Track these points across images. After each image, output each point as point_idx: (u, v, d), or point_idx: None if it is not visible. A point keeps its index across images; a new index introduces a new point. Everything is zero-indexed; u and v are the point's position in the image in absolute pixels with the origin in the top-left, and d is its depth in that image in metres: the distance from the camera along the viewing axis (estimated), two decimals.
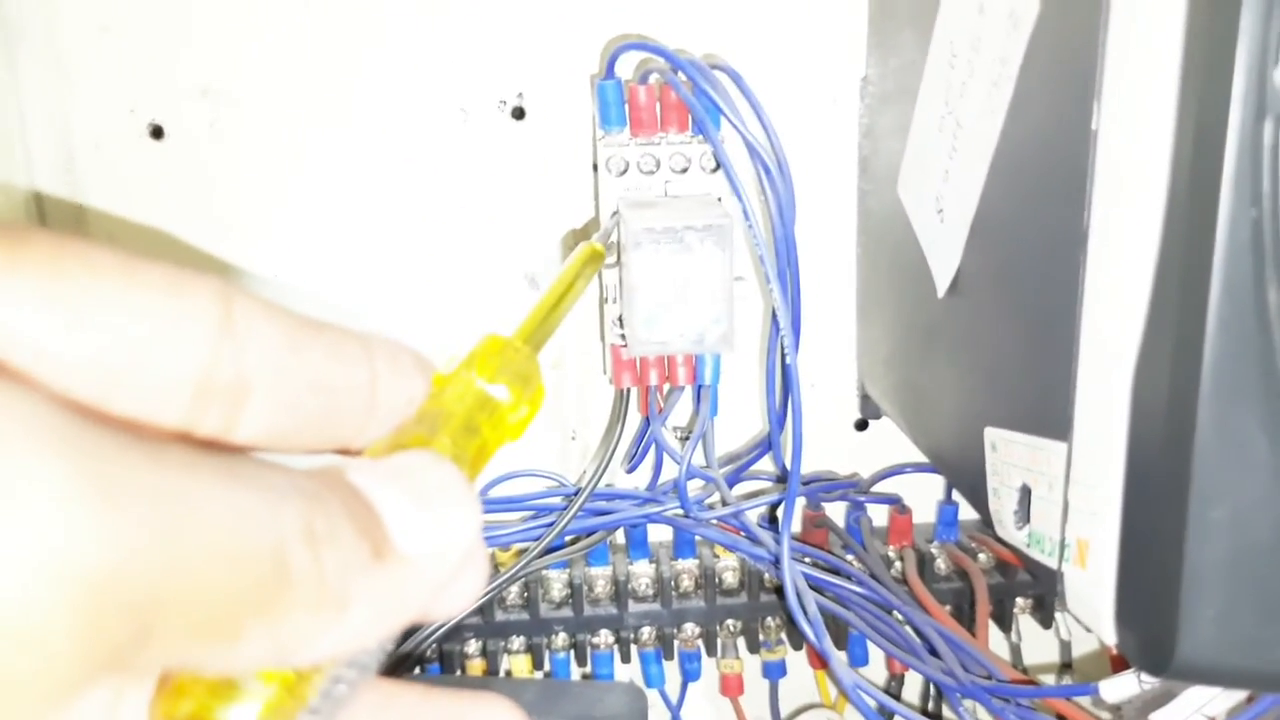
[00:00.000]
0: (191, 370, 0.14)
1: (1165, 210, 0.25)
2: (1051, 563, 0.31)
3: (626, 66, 0.46)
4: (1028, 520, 0.33)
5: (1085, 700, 0.38)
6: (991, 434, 0.35)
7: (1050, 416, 0.30)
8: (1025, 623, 0.51)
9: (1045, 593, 0.49)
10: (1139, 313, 0.26)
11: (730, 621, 0.50)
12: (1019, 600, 0.50)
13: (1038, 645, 0.53)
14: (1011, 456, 0.33)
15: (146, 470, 0.12)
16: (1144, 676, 0.33)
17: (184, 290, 0.14)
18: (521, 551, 0.46)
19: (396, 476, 0.15)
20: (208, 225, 0.48)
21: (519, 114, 0.48)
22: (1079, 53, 0.27)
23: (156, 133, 0.47)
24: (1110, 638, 0.28)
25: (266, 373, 0.14)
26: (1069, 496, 0.30)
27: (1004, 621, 0.50)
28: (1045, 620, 0.50)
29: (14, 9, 0.46)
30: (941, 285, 0.38)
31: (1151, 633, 0.26)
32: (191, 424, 0.14)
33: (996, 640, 0.50)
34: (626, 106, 0.44)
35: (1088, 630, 0.30)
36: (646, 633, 0.50)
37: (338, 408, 0.15)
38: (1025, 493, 0.33)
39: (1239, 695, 0.32)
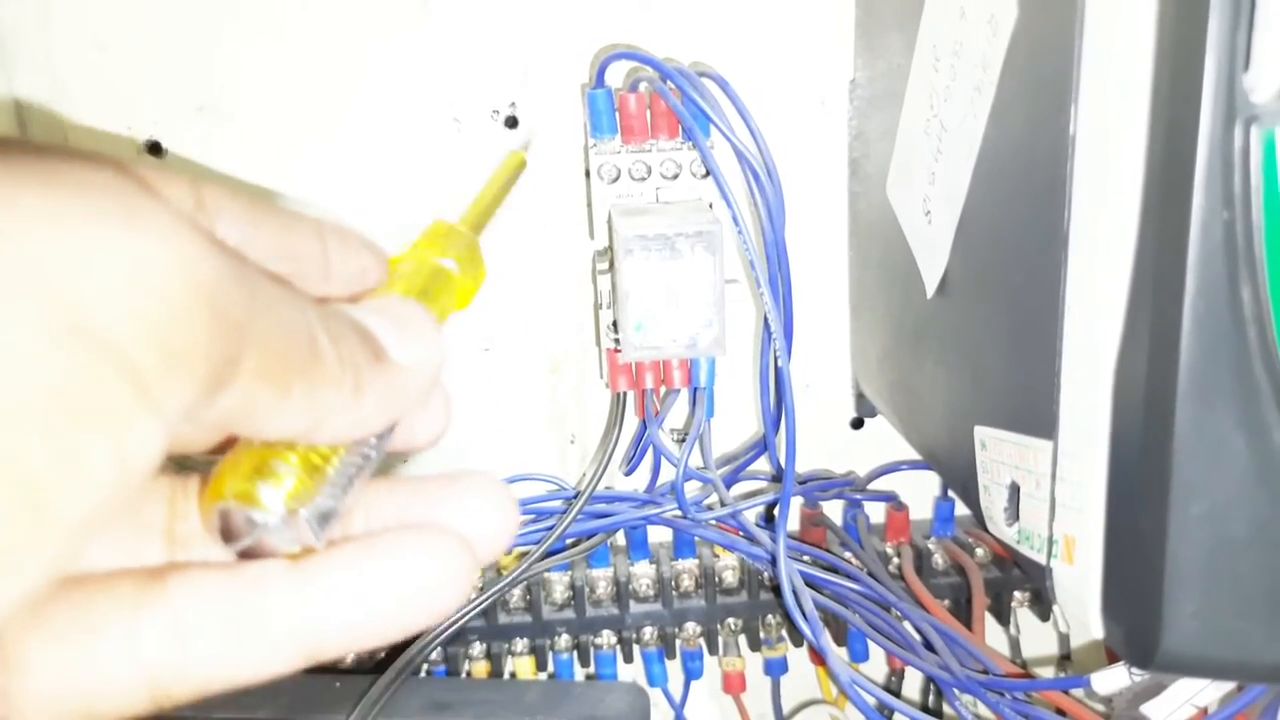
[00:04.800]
0: None
1: (1141, 213, 0.25)
2: (1041, 558, 0.32)
3: (616, 75, 0.46)
4: (1017, 517, 0.33)
5: (1079, 692, 0.38)
6: (981, 432, 0.35)
7: (1036, 415, 0.31)
8: (1024, 616, 0.52)
9: (1041, 586, 0.49)
10: (1118, 313, 0.26)
11: (731, 620, 0.51)
12: (1016, 594, 0.50)
13: (1037, 638, 0.53)
14: (1001, 454, 0.34)
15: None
16: (1134, 669, 0.34)
17: (162, 179, 0.17)
18: (523, 555, 0.47)
19: (379, 310, 0.19)
20: None
21: (512, 123, 0.48)
22: (1056, 58, 0.28)
23: (154, 149, 0.48)
24: (1097, 631, 0.29)
25: (234, 240, 0.18)
26: (1055, 493, 0.30)
27: (1002, 615, 0.50)
28: (1043, 613, 0.50)
29: (11, 28, 0.46)
30: (930, 286, 0.38)
31: (1137, 626, 0.27)
32: None
33: (996, 634, 0.50)
34: (617, 115, 0.44)
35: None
36: (648, 633, 0.51)
37: (300, 274, 0.19)
38: (1014, 490, 0.33)
39: (1229, 686, 0.33)
